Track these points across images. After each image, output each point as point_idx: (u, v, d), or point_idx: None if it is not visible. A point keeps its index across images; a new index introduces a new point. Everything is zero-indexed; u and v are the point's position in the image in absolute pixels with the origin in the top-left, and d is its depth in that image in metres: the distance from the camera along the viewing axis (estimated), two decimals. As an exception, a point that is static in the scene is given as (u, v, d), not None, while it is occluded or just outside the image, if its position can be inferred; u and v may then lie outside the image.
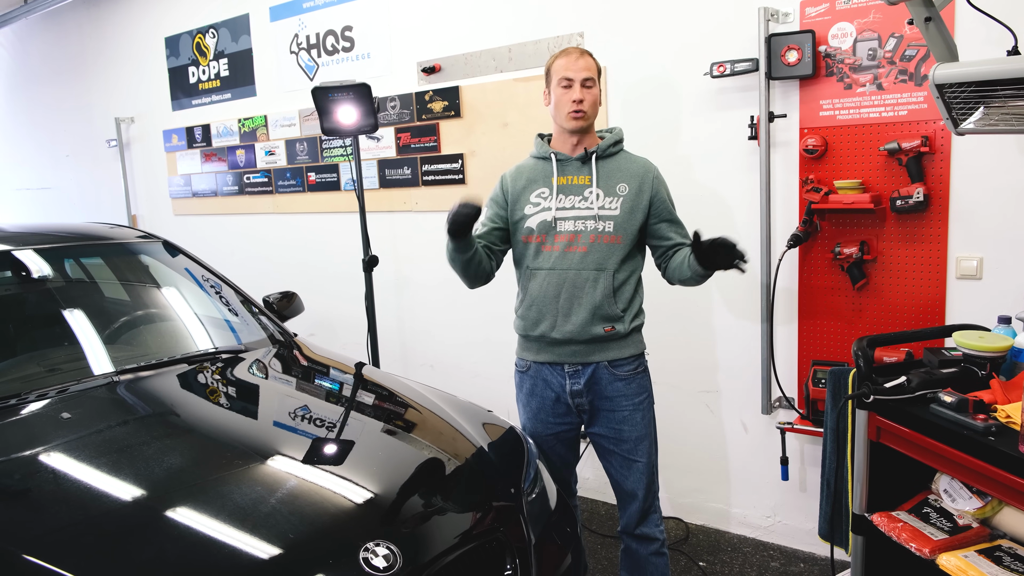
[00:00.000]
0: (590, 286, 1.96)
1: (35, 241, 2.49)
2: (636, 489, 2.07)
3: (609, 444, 2.07)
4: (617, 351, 2.01)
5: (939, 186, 2.29)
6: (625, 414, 2.02)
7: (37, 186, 6.14)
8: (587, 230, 1.97)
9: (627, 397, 2.02)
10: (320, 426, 1.95)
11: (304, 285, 3.36)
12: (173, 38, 4.65)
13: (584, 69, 1.96)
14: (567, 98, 1.96)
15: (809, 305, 2.61)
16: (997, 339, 1.74)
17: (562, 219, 1.99)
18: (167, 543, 1.40)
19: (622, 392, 2.02)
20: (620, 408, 2.02)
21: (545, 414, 2.09)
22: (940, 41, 1.67)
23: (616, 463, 2.08)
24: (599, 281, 1.96)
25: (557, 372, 2.04)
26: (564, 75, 1.97)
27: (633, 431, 2.03)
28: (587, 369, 2.01)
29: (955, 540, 1.63)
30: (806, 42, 2.42)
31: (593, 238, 1.96)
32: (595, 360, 2.00)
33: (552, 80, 2.01)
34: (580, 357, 2.01)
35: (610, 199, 1.98)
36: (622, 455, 2.06)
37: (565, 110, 1.97)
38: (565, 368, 2.03)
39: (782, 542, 2.83)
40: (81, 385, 2.00)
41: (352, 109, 3.01)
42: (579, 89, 1.95)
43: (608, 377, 2.01)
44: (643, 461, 2.05)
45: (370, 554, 1.41)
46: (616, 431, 2.04)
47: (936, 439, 1.60)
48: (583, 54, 1.99)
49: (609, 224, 1.97)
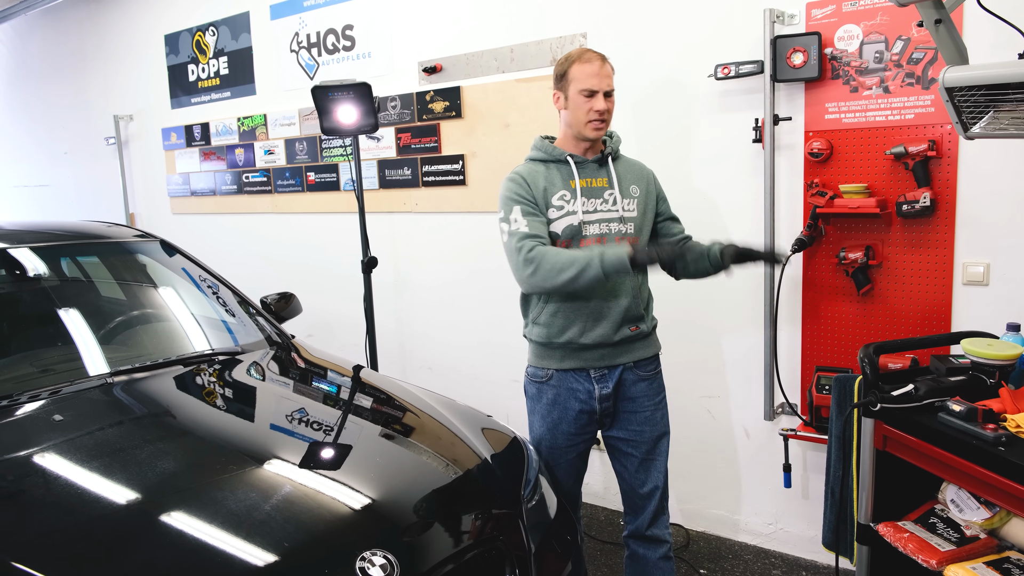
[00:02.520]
0: (618, 288, 1.96)
1: (31, 239, 2.46)
2: (655, 489, 2.07)
3: (627, 447, 2.05)
4: (642, 351, 2.03)
5: (946, 191, 2.27)
6: (647, 414, 2.04)
7: (35, 183, 6.12)
8: (612, 232, 1.96)
9: (649, 397, 2.04)
10: (317, 430, 1.92)
11: (302, 286, 3.33)
12: (173, 35, 4.63)
13: (607, 77, 1.92)
14: (589, 107, 1.90)
15: (813, 310, 2.58)
16: (1006, 347, 1.72)
17: (588, 223, 1.95)
18: (159, 549, 1.37)
19: (645, 392, 2.03)
20: (642, 408, 2.04)
21: (567, 425, 2.03)
22: (950, 43, 1.65)
23: (634, 465, 2.06)
24: (625, 282, 1.96)
25: (583, 378, 2.00)
26: (587, 85, 1.89)
27: (655, 430, 2.05)
28: (614, 372, 2.00)
29: (962, 551, 1.60)
30: (812, 44, 2.40)
31: (618, 240, 1.96)
32: (621, 362, 2.00)
33: (571, 86, 1.92)
34: (607, 360, 1.99)
35: (627, 200, 1.99)
36: (641, 456, 2.05)
37: (585, 119, 1.91)
38: (591, 373, 2.00)
39: (784, 550, 2.81)
40: (75, 386, 1.97)
41: (352, 108, 2.99)
42: (602, 100, 1.90)
43: (632, 378, 2.02)
44: (661, 459, 2.07)
45: (367, 563, 1.38)
46: (637, 432, 2.04)
47: (944, 448, 1.58)
48: (605, 61, 1.93)
49: (630, 225, 1.98)
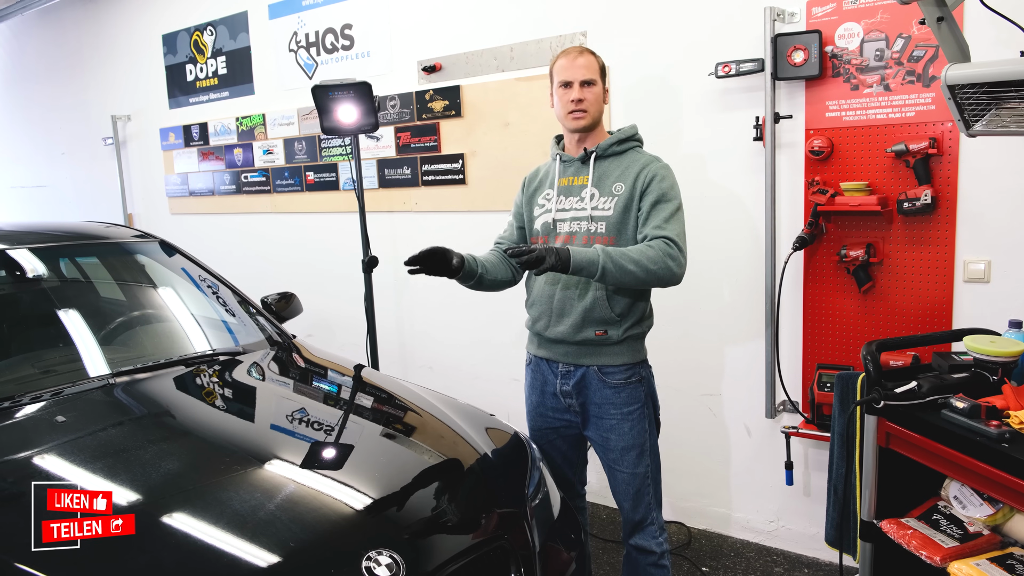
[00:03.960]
0: (582, 288, 1.94)
1: (30, 240, 2.45)
2: (622, 499, 2.04)
3: (599, 450, 2.05)
4: (608, 357, 1.96)
5: (947, 188, 2.27)
6: (613, 423, 1.98)
7: (32, 184, 6.09)
8: (581, 231, 1.95)
9: (615, 406, 1.97)
10: (321, 430, 1.92)
11: (303, 286, 3.32)
12: (170, 35, 4.61)
13: (582, 68, 1.94)
14: (566, 98, 1.95)
15: (814, 308, 2.58)
16: (1009, 344, 1.72)
17: (560, 220, 1.98)
18: (163, 551, 1.37)
19: (610, 400, 1.97)
20: (608, 416, 1.98)
21: (544, 408, 2.10)
22: (952, 41, 1.65)
23: (606, 470, 2.06)
24: (591, 284, 1.92)
25: (552, 369, 2.04)
26: (562, 77, 1.96)
27: (619, 441, 1.98)
28: (577, 371, 1.99)
29: (966, 548, 1.60)
30: (812, 42, 2.40)
31: (587, 239, 1.93)
32: (586, 363, 1.98)
33: (554, 82, 2.00)
34: (571, 358, 2.00)
35: (605, 199, 1.94)
36: (609, 463, 2.03)
37: (565, 111, 1.97)
38: (559, 367, 2.02)
39: (786, 547, 2.81)
40: (76, 387, 1.97)
41: (352, 108, 2.98)
42: (578, 89, 1.94)
43: (597, 383, 1.97)
44: (627, 472, 1.99)
45: (372, 563, 1.38)
46: (604, 438, 2.00)
47: (948, 445, 1.58)
48: (582, 52, 1.97)
49: (602, 225, 1.93)
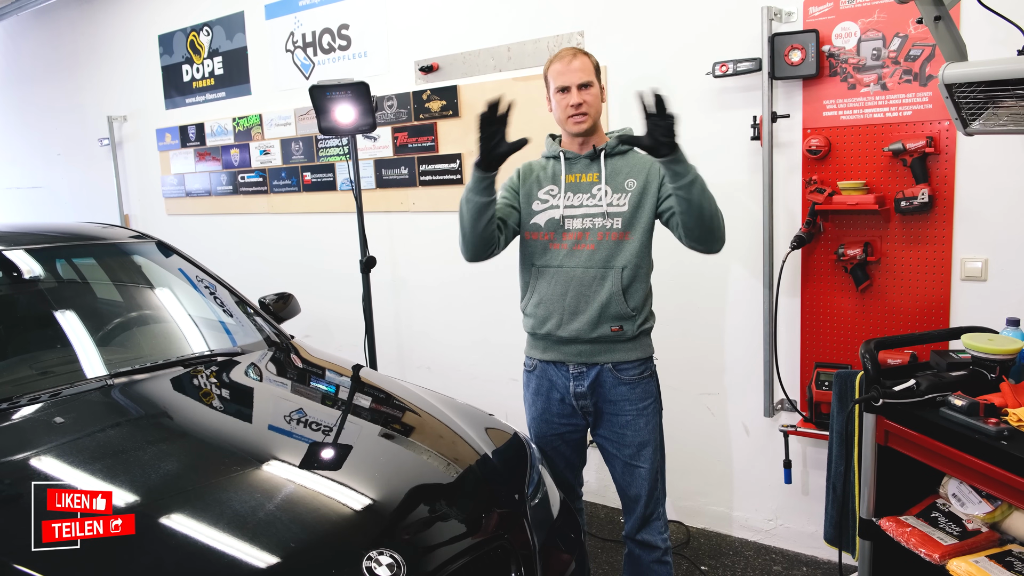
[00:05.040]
0: (597, 284, 1.94)
1: (26, 241, 2.44)
2: (638, 495, 2.04)
3: (613, 448, 2.04)
4: (623, 353, 1.98)
5: (944, 187, 2.28)
6: (628, 419, 1.99)
7: (28, 185, 6.07)
8: (595, 228, 1.95)
9: (631, 402, 1.99)
10: (318, 430, 1.92)
11: (300, 286, 3.32)
12: (167, 36, 4.60)
13: (578, 71, 1.93)
14: (565, 103, 1.94)
15: (812, 307, 2.59)
16: (1007, 342, 1.73)
17: (570, 217, 1.97)
18: (163, 551, 1.37)
19: (625, 396, 1.99)
20: (623, 412, 1.99)
21: (550, 415, 2.07)
22: (949, 40, 1.66)
23: (619, 468, 2.05)
24: (607, 279, 1.93)
25: (562, 372, 2.02)
26: (559, 83, 1.94)
27: (636, 436, 2.00)
28: (591, 371, 1.98)
29: (965, 545, 1.61)
30: (810, 42, 2.40)
31: (601, 236, 1.94)
32: (600, 362, 1.97)
33: (549, 88, 1.99)
34: (585, 357, 1.98)
35: (618, 195, 1.96)
36: (624, 460, 2.03)
37: (565, 116, 1.96)
38: (570, 369, 2.00)
39: (784, 546, 2.81)
40: (74, 389, 1.96)
41: (350, 108, 2.98)
42: (576, 93, 1.93)
43: (612, 380, 1.98)
44: (646, 467, 2.01)
45: (373, 563, 1.38)
46: (619, 435, 2.01)
47: (946, 443, 1.59)
48: (576, 55, 1.95)
49: (618, 221, 1.94)
